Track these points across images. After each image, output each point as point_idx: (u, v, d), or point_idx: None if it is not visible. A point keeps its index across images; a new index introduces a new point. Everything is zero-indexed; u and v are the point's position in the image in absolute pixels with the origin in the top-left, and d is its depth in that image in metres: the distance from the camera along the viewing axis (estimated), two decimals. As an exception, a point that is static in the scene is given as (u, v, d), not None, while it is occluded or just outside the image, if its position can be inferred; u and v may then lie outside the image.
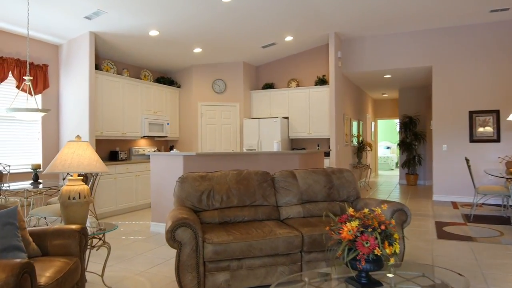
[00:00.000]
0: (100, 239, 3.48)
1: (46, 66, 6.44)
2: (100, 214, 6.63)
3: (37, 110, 4.85)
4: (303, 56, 9.32)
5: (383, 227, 2.20)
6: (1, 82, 5.75)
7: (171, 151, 6.26)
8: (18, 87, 5.91)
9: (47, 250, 2.79)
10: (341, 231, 2.22)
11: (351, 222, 2.22)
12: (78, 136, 3.46)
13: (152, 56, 8.12)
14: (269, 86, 9.54)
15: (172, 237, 3.13)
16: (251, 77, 9.65)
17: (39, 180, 5.21)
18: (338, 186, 4.25)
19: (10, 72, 5.84)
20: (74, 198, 3.30)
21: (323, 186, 4.20)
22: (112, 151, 7.63)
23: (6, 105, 5.80)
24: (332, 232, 2.32)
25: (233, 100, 9.25)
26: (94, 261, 4.18)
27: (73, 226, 2.92)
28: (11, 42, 6.00)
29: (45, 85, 6.40)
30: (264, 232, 3.39)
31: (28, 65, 5.05)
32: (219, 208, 3.86)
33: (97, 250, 3.57)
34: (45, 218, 4.54)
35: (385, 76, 9.56)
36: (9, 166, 5.80)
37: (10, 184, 5.07)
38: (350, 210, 2.36)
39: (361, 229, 2.18)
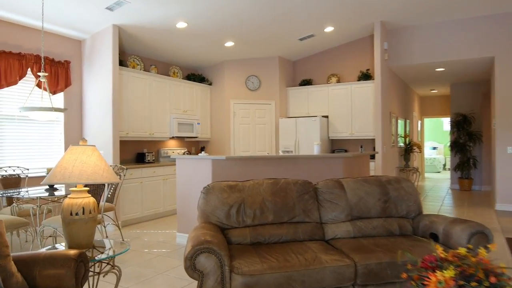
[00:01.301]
0: (108, 263, 2.91)
1: (68, 62, 6.03)
2: (125, 221, 6.16)
3: (51, 109, 4.39)
4: (344, 49, 8.51)
5: (493, 279, 1.46)
6: (20, 80, 5.37)
7: (200, 154, 5.68)
8: (38, 85, 5.51)
9: (35, 283, 2.23)
10: (427, 283, 1.50)
11: (444, 271, 1.49)
12: (83, 139, 2.91)
13: (181, 51, 7.59)
14: (307, 82, 8.80)
15: (191, 266, 2.51)
16: (287, 73, 8.94)
17: (55, 186, 4.76)
18: (395, 199, 3.49)
19: (29, 69, 5.45)
20: (77, 214, 2.74)
21: (377, 199, 3.45)
22: (139, 153, 7.17)
23: (28, 104, 5.42)
24: (413, 283, 1.59)
25: (268, 97, 8.58)
26: (108, 281, 3.64)
27: (70, 252, 2.35)
28: (31, 38, 5.62)
29: (67, 83, 6.00)
30: (306, 259, 2.70)
31: (43, 60, 4.61)
32: (251, 225, 3.21)
33: (104, 276, 3.01)
34: (55, 229, 4.05)
35: (436, 70, 8.58)
36: (28, 169, 5.41)
37: (29, 189, 4.65)
38: (439, 250, 1.63)
39: (461, 282, 1.45)
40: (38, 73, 4.64)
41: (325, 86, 8.42)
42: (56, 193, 4.27)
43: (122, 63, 6.63)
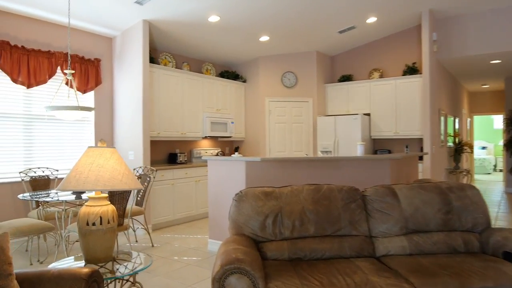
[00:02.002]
0: (127, 280, 2.59)
1: (98, 60, 5.85)
2: (156, 225, 5.91)
3: (77, 108, 4.17)
4: (388, 41, 7.91)
5: None
6: (50, 78, 5.23)
7: (233, 155, 5.33)
8: (67, 83, 5.36)
9: (40, 307, 1.94)
10: None
11: None
12: (101, 140, 2.62)
13: (214, 47, 7.28)
14: (346, 78, 8.26)
15: (220, 289, 2.14)
16: (326, 68, 8.44)
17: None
18: (459, 210, 2.97)
19: (58, 67, 5.30)
20: (94, 224, 2.45)
21: (436, 209, 2.94)
22: (171, 153, 6.92)
23: (55, 104, 5.28)
24: None
25: (305, 95, 8.13)
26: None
27: (82, 271, 2.04)
28: (61, 36, 5.48)
29: (97, 81, 5.82)
30: (356, 283, 2.26)
31: (69, 56, 4.41)
32: (290, 238, 2.80)
33: (124, 294, 2.70)
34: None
35: (491, 62, 7.80)
36: (57, 170, 5.26)
37: (58, 191, 4.48)
38: None
39: None
40: (65, 71, 4.44)
41: (366, 82, 7.86)
42: (83, 195, 4.04)
43: (153, 60, 6.40)
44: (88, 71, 5.68)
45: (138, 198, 5.04)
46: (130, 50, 5.88)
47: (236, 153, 6.05)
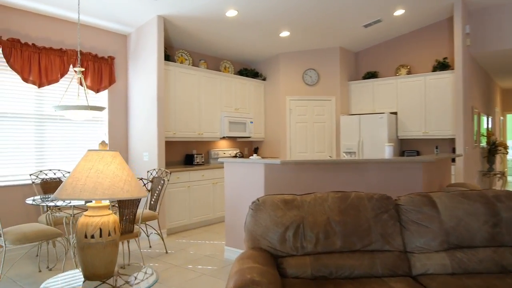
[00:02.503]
0: (130, 299, 2.32)
1: (112, 58, 5.65)
2: (171, 229, 5.67)
3: (86, 107, 3.95)
4: (416, 35, 7.45)
5: None
6: (62, 77, 5.05)
7: (252, 156, 5.03)
8: (79, 82, 5.17)
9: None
10: None
11: None
12: (102, 143, 2.35)
13: (232, 44, 7.00)
14: (371, 75, 7.84)
15: (232, 317, 1.84)
16: (349, 65, 8.05)
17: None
18: (508, 222, 2.58)
19: (71, 65, 5.12)
20: (93, 237, 2.19)
21: (482, 221, 2.56)
22: (187, 154, 6.68)
23: (67, 103, 5.09)
24: None
25: (327, 93, 7.75)
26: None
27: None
28: (74, 33, 5.29)
29: (111, 80, 5.62)
30: (392, 310, 1.92)
31: (79, 53, 4.19)
32: (313, 253, 2.48)
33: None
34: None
35: (530, 56, 7.25)
36: (69, 172, 5.08)
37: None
38: None
39: None
40: (74, 69, 4.24)
41: (393, 79, 7.43)
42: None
43: (169, 58, 6.17)
44: (102, 70, 5.48)
45: (152, 202, 4.80)
46: (144, 47, 5.66)
47: (254, 154, 5.75)
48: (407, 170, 4.05)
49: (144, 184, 4.04)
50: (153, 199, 4.79)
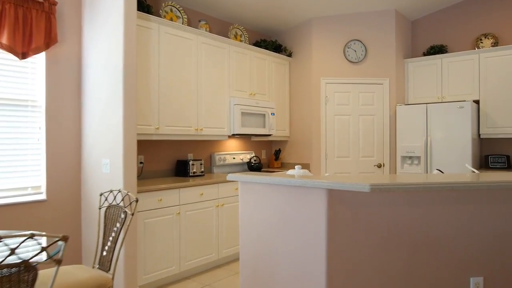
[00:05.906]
0: None
1: (52, 4, 3.44)
2: (149, 284, 3.49)
3: None
4: (510, -10, 5.20)
5: None
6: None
7: (291, 170, 2.82)
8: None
9: None
10: None
11: None
12: None
13: (247, 3, 4.80)
14: (438, 50, 5.59)
15: None
16: (406, 37, 5.81)
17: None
18: None
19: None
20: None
21: None
22: (179, 160, 4.49)
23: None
24: None
25: (378, 74, 5.52)
26: None
27: None
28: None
29: (50, 38, 3.41)
30: None
31: None
32: None
33: None
34: None
35: None
36: None
37: None
38: None
39: None
40: None
41: (472, 54, 5.17)
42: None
43: (149, 10, 3.97)
44: (32, 20, 3.29)
45: (104, 254, 2.61)
46: (107, -12, 3.46)
47: (296, 167, 3.51)
48: None
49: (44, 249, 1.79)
50: (105, 248, 2.59)
